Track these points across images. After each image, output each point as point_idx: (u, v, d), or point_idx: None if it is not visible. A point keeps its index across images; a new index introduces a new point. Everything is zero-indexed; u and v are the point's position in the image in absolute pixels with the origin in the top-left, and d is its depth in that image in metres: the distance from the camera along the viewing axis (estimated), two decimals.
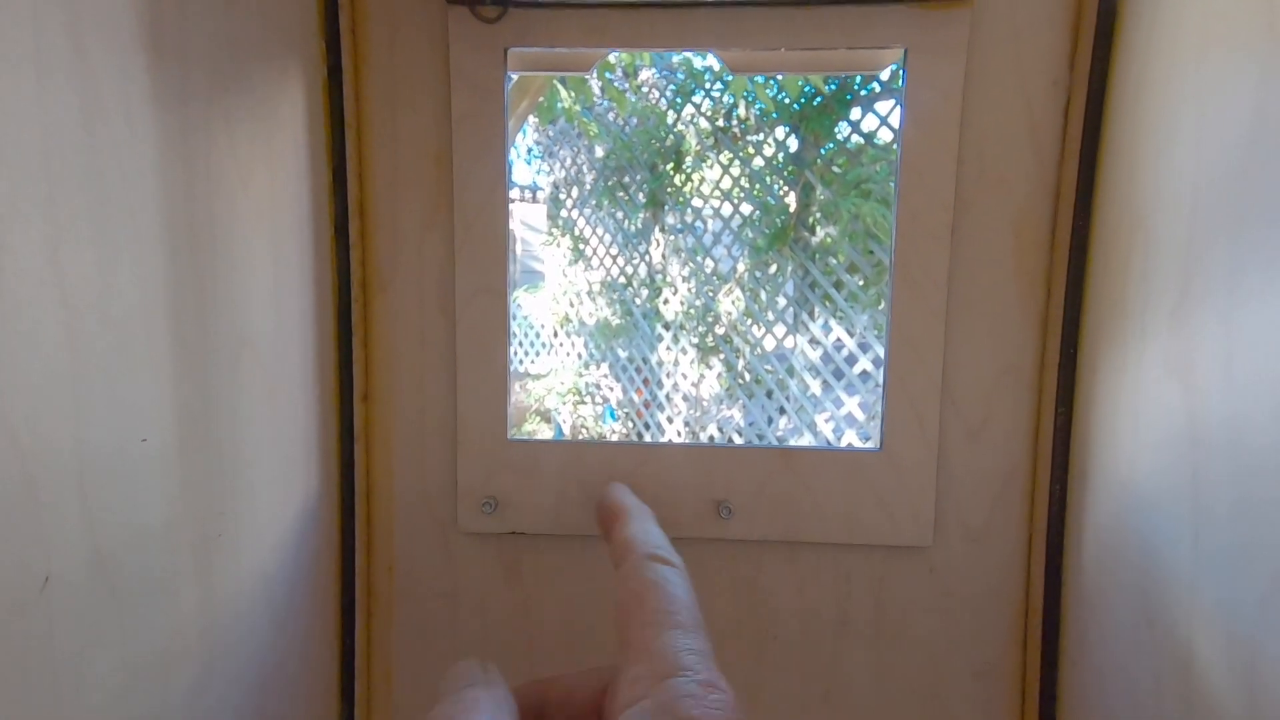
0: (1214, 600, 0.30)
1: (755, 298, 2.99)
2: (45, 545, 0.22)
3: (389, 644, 0.47)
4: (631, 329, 3.41)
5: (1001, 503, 0.44)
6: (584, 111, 3.04)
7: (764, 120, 2.79)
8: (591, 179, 3.44)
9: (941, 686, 0.46)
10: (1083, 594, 0.40)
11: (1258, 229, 0.28)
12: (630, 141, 3.16)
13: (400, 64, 0.43)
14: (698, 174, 3.09)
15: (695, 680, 0.17)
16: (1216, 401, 0.30)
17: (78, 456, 0.24)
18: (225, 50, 0.32)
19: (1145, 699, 0.34)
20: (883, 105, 2.44)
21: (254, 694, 0.35)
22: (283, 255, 0.37)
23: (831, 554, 0.45)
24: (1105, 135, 0.39)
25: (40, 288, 0.22)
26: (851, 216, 2.54)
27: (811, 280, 2.80)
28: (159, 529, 0.28)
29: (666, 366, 3.27)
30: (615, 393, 3.52)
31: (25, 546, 0.22)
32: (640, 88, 3.07)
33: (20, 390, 0.21)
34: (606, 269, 3.43)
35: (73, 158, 0.23)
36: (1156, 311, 0.34)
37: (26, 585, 0.22)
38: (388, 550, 0.47)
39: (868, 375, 2.68)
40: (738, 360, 3.06)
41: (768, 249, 2.85)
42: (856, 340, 2.70)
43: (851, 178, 2.55)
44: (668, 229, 3.20)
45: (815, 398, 2.81)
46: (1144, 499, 0.35)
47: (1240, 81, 0.29)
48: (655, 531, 0.24)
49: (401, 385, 0.46)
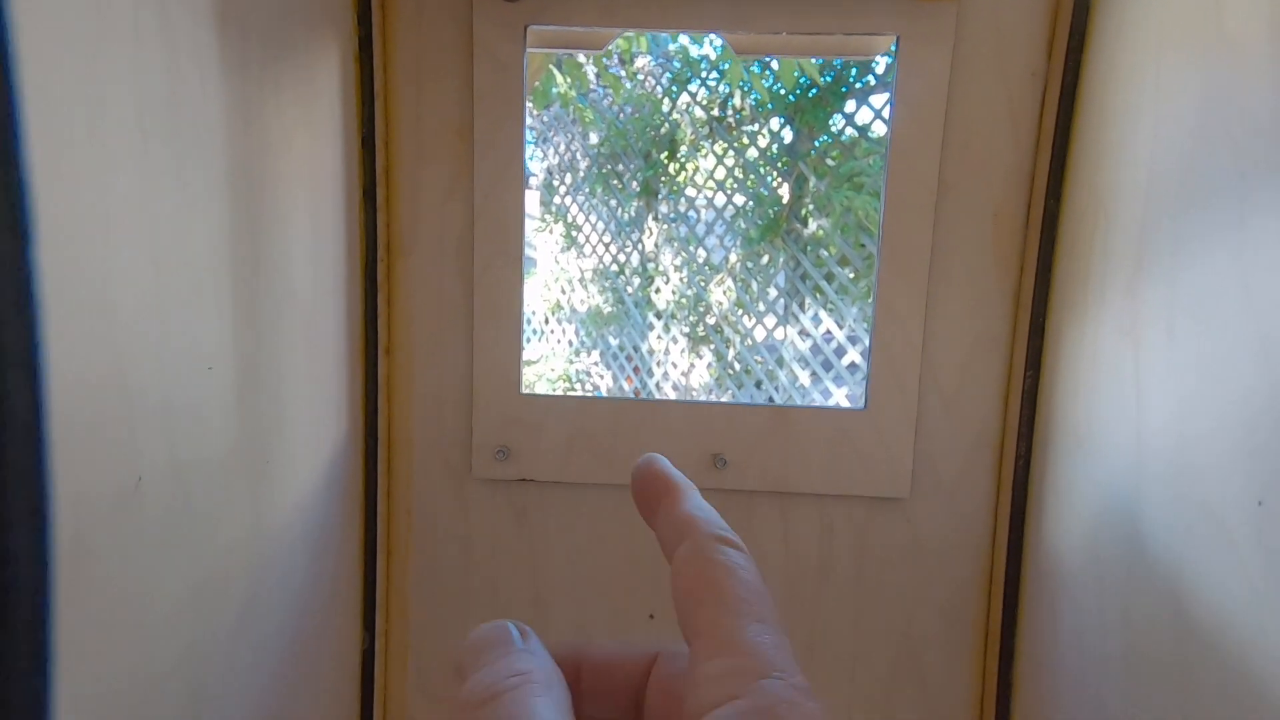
0: (1150, 531, 0.34)
1: (746, 288, 3.02)
2: (138, 447, 0.26)
3: (406, 582, 0.51)
4: (623, 317, 3.43)
5: (973, 460, 0.48)
6: (579, 97, 3.04)
7: (759, 111, 2.81)
8: (585, 166, 3.45)
9: (913, 627, 0.50)
10: (1042, 542, 0.45)
11: (1198, 209, 0.32)
12: (625, 129, 3.17)
13: (426, 39, 0.46)
14: (692, 163, 3.11)
15: (790, 685, 0.16)
16: (1159, 357, 0.34)
17: (160, 375, 0.27)
18: (275, 21, 0.35)
19: (1091, 630, 0.38)
20: (877, 99, 2.47)
21: (293, 617, 0.38)
22: (319, 215, 0.40)
23: (816, 504, 0.49)
24: (1076, 124, 0.43)
25: (135, 230, 0.25)
26: (844, 209, 2.57)
27: (803, 272, 2.84)
28: (221, 454, 0.31)
29: (657, 355, 3.30)
30: (605, 380, 3.55)
31: (124, 443, 0.25)
32: (636, 75, 3.08)
33: (119, 312, 0.25)
34: (599, 256, 3.45)
35: (161, 115, 0.26)
36: (1114, 283, 0.38)
37: (125, 480, 0.25)
38: (406, 495, 0.50)
39: (856, 367, 2.73)
40: (728, 350, 3.10)
41: (760, 240, 2.89)
42: (846, 332, 2.74)
43: (845, 170, 2.58)
44: (661, 218, 3.22)
45: (804, 388, 2.86)
46: (1095, 450, 0.39)
47: (1191, 77, 0.33)
48: (713, 510, 0.22)
49: (421, 342, 0.49)
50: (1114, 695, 0.35)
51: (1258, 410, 0.27)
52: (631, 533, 0.50)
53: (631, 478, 0.23)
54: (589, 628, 0.50)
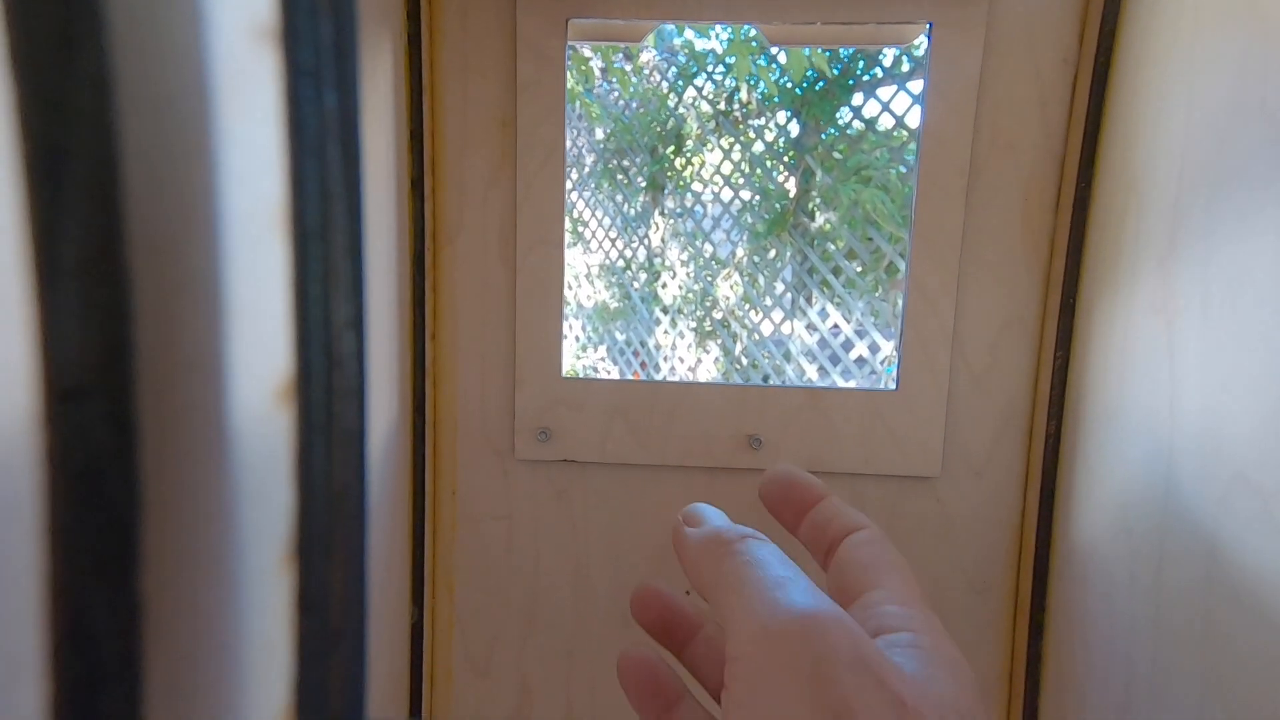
0: (1182, 504, 0.35)
1: (753, 283, 3.03)
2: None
3: (452, 559, 0.52)
4: (629, 312, 3.44)
5: (1003, 439, 0.50)
6: (585, 93, 3.05)
7: (765, 104, 2.82)
8: (591, 161, 3.46)
9: (944, 603, 0.51)
10: (1072, 518, 0.46)
11: (1233, 185, 0.33)
12: (631, 124, 3.18)
13: (471, 33, 0.48)
14: (698, 158, 3.12)
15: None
16: (1193, 334, 0.35)
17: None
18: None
19: (1121, 597, 0.39)
20: (885, 91, 2.47)
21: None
22: (376, 205, 0.42)
23: (849, 483, 0.51)
24: (1108, 108, 0.44)
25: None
26: (851, 203, 2.58)
27: (810, 266, 2.84)
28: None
29: (664, 350, 3.32)
30: (613, 376, 3.56)
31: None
32: (642, 69, 3.09)
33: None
34: (605, 252, 3.46)
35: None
36: (1146, 261, 0.39)
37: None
38: (451, 476, 0.52)
39: (864, 361, 2.73)
40: (735, 345, 3.11)
41: (767, 234, 2.89)
42: (853, 326, 2.75)
43: (852, 164, 2.59)
44: (667, 213, 3.23)
45: (811, 382, 2.87)
46: (1127, 423, 0.40)
47: (1226, 56, 0.34)
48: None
49: (465, 327, 0.50)
50: (1143, 657, 0.37)
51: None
52: (669, 512, 0.51)
53: (765, 485, 0.24)
54: (626, 603, 0.51)
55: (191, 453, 0.11)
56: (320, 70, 0.11)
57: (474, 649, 0.53)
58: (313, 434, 0.11)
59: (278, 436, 0.11)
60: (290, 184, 0.11)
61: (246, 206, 0.11)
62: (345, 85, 0.11)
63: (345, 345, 0.11)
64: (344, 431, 0.11)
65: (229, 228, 0.11)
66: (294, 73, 0.11)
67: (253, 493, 0.11)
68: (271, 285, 0.11)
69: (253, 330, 0.11)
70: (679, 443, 0.50)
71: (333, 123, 0.11)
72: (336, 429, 0.11)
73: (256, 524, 0.11)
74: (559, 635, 0.52)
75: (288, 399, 0.11)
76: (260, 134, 0.11)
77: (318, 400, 0.11)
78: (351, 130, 0.11)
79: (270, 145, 0.11)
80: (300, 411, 0.11)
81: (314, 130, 0.11)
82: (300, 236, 0.11)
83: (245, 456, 0.11)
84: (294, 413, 0.11)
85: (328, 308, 0.11)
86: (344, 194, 0.11)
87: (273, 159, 0.11)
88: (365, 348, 0.12)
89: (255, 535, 0.11)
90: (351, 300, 0.11)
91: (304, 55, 0.11)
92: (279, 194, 0.11)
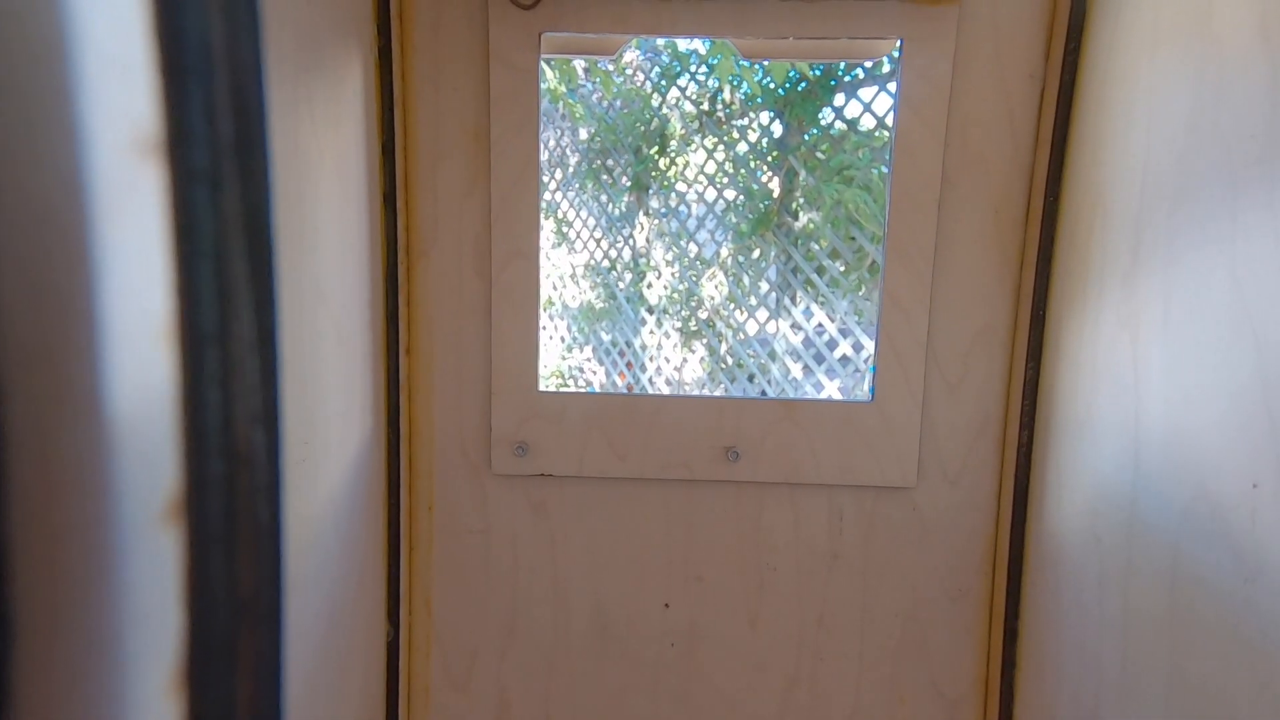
0: (1147, 513, 0.36)
1: (738, 282, 3.04)
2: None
3: (430, 575, 0.52)
4: (615, 312, 3.44)
5: (977, 449, 0.50)
6: (568, 93, 3.04)
7: (749, 105, 2.82)
8: (575, 161, 3.45)
9: (920, 610, 0.52)
10: (1044, 526, 0.47)
11: (1191, 203, 0.33)
12: (614, 124, 3.17)
13: (443, 46, 0.47)
14: (682, 158, 3.12)
15: None
16: (1156, 348, 0.36)
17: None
18: (307, 36, 0.36)
19: (1091, 602, 0.40)
20: (866, 92, 2.49)
21: (328, 605, 0.39)
22: (346, 220, 0.41)
23: (826, 494, 0.51)
24: (1074, 123, 0.45)
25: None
26: (834, 202, 2.59)
27: (794, 265, 2.85)
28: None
29: (650, 350, 3.32)
30: (599, 376, 3.56)
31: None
32: (625, 69, 3.08)
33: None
34: (590, 252, 3.45)
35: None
36: (1112, 275, 0.40)
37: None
38: (428, 490, 0.51)
39: (848, 359, 2.75)
40: (720, 345, 3.12)
41: (751, 234, 2.90)
42: (838, 325, 2.76)
43: (835, 164, 2.60)
44: (652, 213, 3.23)
45: (797, 381, 2.88)
46: (1096, 434, 0.41)
47: (1183, 76, 0.34)
48: None
49: (440, 341, 0.50)
50: (1113, 658, 0.37)
51: (1251, 397, 0.28)
52: (646, 524, 0.51)
53: None
54: (605, 615, 0.51)
55: (68, 577, 0.10)
56: (218, 170, 0.10)
57: (452, 664, 0.52)
58: (209, 546, 0.11)
59: (164, 554, 0.11)
60: (178, 292, 0.10)
61: (130, 318, 0.10)
62: (250, 178, 0.11)
63: (253, 442, 0.11)
64: (252, 533, 0.11)
65: (110, 340, 0.10)
66: (184, 179, 0.10)
67: (135, 617, 0.11)
68: (158, 396, 0.11)
69: (135, 444, 0.11)
70: (657, 455, 0.50)
71: (233, 221, 0.11)
72: (242, 533, 0.11)
73: (137, 650, 0.11)
74: (538, 649, 0.52)
75: (175, 515, 0.11)
76: (144, 245, 0.10)
77: (214, 510, 0.11)
78: (258, 222, 0.11)
79: (155, 255, 0.10)
80: (192, 525, 0.11)
81: (208, 234, 0.11)
82: (192, 342, 0.11)
83: (129, 578, 0.11)
84: (184, 528, 0.11)
85: (228, 410, 0.11)
86: (249, 289, 0.11)
87: (157, 268, 0.10)
88: (279, 439, 0.11)
89: (137, 662, 0.11)
90: (259, 394, 0.11)
91: (196, 159, 0.10)
92: (166, 303, 0.11)
